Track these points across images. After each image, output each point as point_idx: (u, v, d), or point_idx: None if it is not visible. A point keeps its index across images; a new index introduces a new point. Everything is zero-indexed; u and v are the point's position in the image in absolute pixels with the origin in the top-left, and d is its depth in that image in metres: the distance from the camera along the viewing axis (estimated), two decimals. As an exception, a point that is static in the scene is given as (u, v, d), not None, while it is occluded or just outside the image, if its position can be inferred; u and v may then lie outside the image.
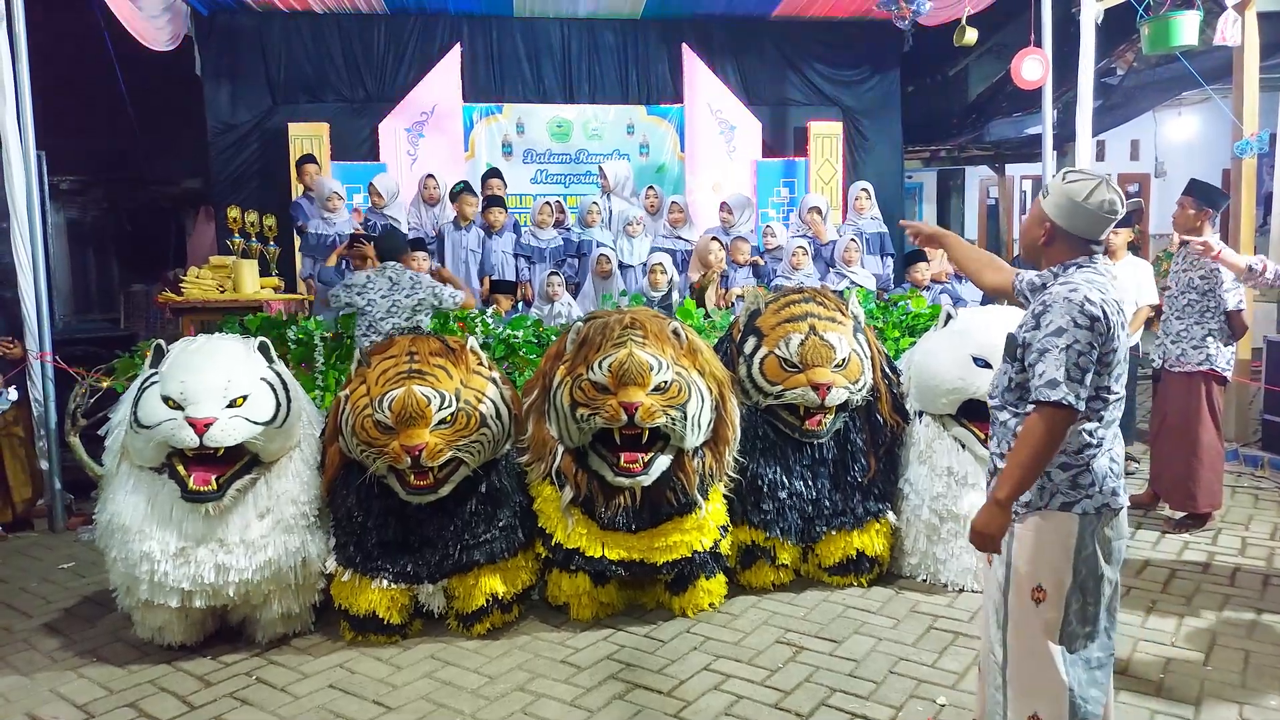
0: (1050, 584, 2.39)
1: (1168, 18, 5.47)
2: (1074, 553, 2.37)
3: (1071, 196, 2.40)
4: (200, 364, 3.65)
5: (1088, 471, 2.37)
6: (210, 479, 3.59)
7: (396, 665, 3.65)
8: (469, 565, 3.79)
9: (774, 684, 3.42)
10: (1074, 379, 2.28)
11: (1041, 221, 2.48)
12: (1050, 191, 2.47)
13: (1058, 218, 2.43)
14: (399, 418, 3.60)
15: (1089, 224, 2.40)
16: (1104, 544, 2.41)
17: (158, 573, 3.58)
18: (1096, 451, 2.37)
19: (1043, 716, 2.40)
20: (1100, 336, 2.31)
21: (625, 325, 3.81)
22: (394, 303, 5.18)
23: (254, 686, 3.52)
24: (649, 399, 3.64)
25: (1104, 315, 2.31)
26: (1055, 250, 2.47)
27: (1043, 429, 2.29)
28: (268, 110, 8.61)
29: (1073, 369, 2.28)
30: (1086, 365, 2.29)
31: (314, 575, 3.85)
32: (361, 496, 3.75)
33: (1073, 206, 2.40)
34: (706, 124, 8.93)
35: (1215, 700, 3.24)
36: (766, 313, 4.26)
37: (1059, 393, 2.27)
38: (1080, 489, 2.37)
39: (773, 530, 4.13)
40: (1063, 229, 2.43)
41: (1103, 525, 2.39)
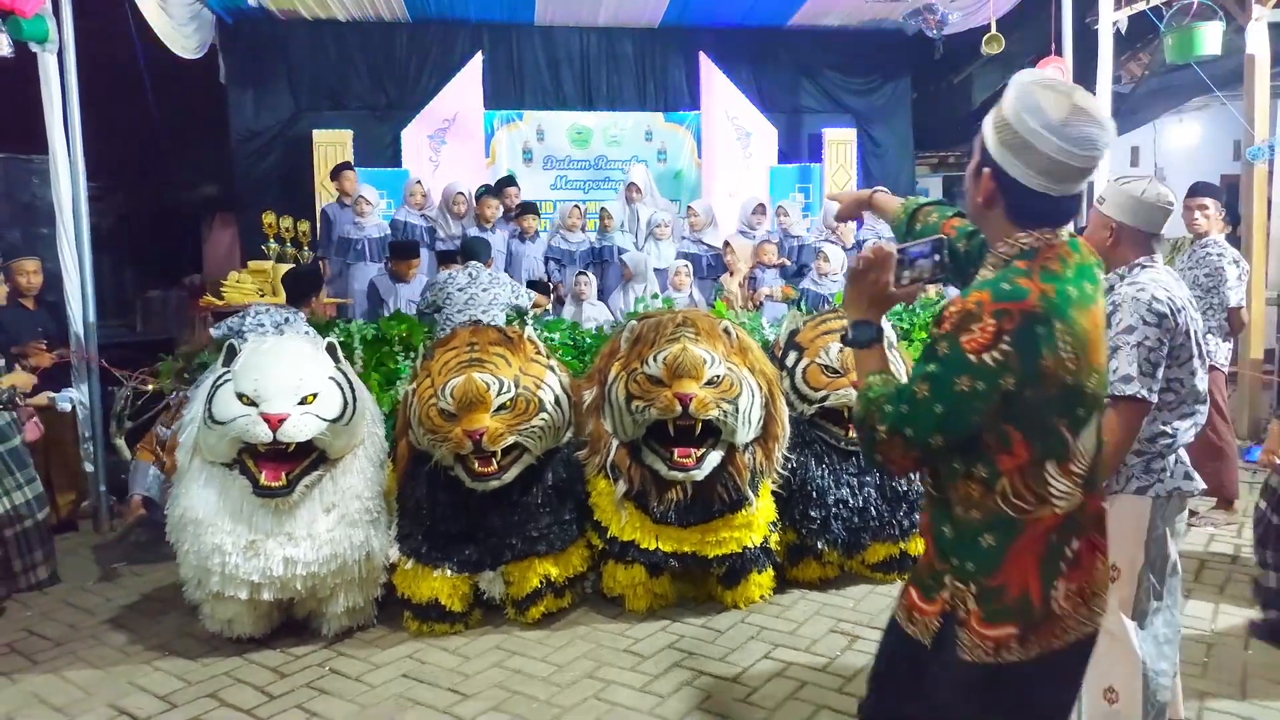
0: (1124, 563, 2.54)
1: (1192, 28, 5.65)
2: (1146, 534, 2.52)
3: (1131, 194, 2.57)
4: (273, 363, 3.75)
5: (1161, 458, 2.52)
6: (280, 475, 3.69)
7: (465, 655, 3.76)
8: (528, 555, 3.91)
9: (834, 670, 3.54)
10: (1145, 373, 2.43)
11: (1105, 225, 2.62)
12: (1107, 196, 2.63)
13: (1121, 216, 2.58)
14: (460, 404, 3.72)
15: (1150, 216, 2.57)
16: (1171, 526, 2.56)
17: (229, 565, 3.68)
18: (1171, 440, 2.52)
19: (1118, 688, 2.54)
20: (1168, 332, 2.46)
21: (678, 323, 3.95)
22: (470, 296, 5.34)
23: (328, 677, 3.62)
24: (703, 391, 3.76)
25: (1170, 311, 2.46)
26: (1121, 250, 2.61)
27: (1121, 421, 2.44)
28: (291, 117, 8.72)
29: (1144, 364, 2.43)
30: (1157, 360, 2.44)
31: (377, 569, 3.96)
32: (430, 488, 3.86)
33: (1133, 203, 2.56)
34: (723, 130, 9.08)
35: (1260, 680, 3.38)
36: (805, 329, 4.44)
37: (1133, 387, 2.42)
38: (1153, 474, 2.52)
39: (819, 539, 4.21)
40: (1127, 225, 2.58)
41: (1172, 508, 2.53)
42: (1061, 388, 1.64)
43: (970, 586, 1.72)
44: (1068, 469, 1.69)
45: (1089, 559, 1.75)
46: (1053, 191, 1.67)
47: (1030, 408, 1.64)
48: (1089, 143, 1.62)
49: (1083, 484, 1.72)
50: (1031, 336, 1.60)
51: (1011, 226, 1.72)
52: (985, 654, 1.70)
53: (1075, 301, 1.66)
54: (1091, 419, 1.72)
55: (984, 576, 1.71)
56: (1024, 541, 1.69)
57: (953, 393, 1.62)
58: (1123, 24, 6.30)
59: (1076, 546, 1.72)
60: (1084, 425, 1.71)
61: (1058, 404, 1.66)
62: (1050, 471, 1.67)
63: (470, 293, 5.33)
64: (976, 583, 1.71)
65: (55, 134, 5.39)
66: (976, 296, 1.64)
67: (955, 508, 1.74)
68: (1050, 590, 1.70)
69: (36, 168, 6.36)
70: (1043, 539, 1.69)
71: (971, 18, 7.42)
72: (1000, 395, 1.61)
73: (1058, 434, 1.68)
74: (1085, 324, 1.67)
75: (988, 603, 1.70)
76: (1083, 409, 1.69)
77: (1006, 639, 1.69)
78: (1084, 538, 1.73)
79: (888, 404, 1.70)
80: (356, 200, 7.05)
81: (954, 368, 1.62)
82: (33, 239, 6.34)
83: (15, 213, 6.59)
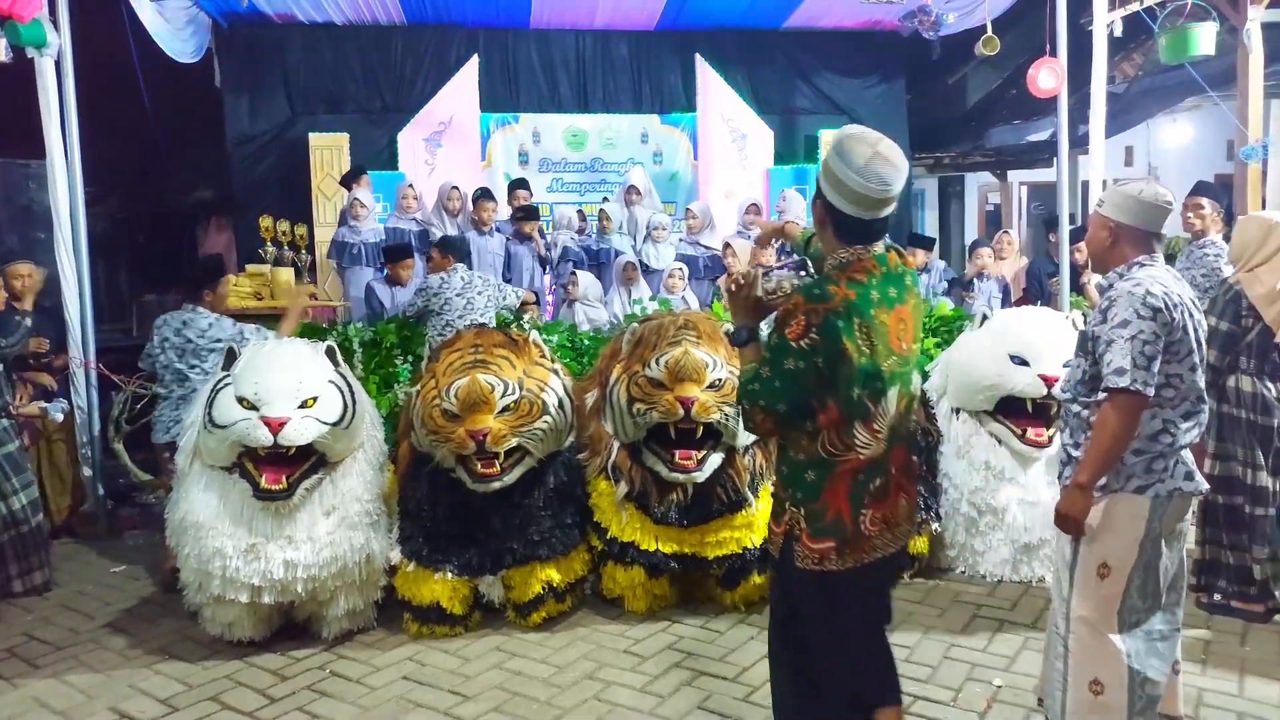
0: (1115, 561, 2.55)
1: (1186, 29, 5.69)
2: (1143, 534, 2.52)
3: (1128, 195, 2.60)
4: (273, 366, 3.77)
5: (1162, 457, 2.52)
6: (281, 478, 3.71)
7: (465, 657, 3.77)
8: (529, 559, 3.91)
9: (834, 669, 3.55)
10: (1140, 366, 2.45)
11: (1104, 225, 2.65)
12: (1106, 198, 2.66)
13: (1120, 216, 2.60)
14: (464, 404, 3.73)
15: (1149, 215, 2.59)
16: (1170, 525, 2.56)
17: (229, 568, 3.69)
18: (1172, 439, 2.52)
19: (1103, 681, 2.57)
20: (1164, 326, 2.48)
21: (680, 326, 3.96)
22: (468, 300, 5.35)
23: (329, 679, 3.63)
24: (704, 395, 3.77)
25: (1166, 306, 2.48)
26: (1120, 249, 2.63)
27: (1115, 414, 2.47)
28: (287, 121, 8.71)
29: (1138, 357, 2.45)
30: (1152, 353, 2.46)
31: (377, 572, 3.97)
32: (431, 490, 3.87)
33: (1131, 203, 2.59)
34: (719, 133, 9.09)
35: (1256, 677, 3.41)
36: None
37: (1126, 379, 2.44)
38: (1154, 473, 2.52)
39: None
40: (1126, 225, 2.60)
41: (1173, 508, 2.53)
42: (860, 366, 2.20)
43: (801, 510, 2.34)
44: (870, 426, 2.27)
45: (893, 495, 2.35)
46: (863, 216, 2.23)
47: (838, 380, 2.21)
48: (884, 181, 2.18)
49: (884, 438, 2.29)
50: (833, 328, 2.17)
51: (837, 243, 2.30)
52: (813, 562, 2.33)
53: (876, 302, 2.23)
54: (890, 390, 2.27)
55: (809, 503, 2.32)
56: (837, 477, 2.29)
57: (784, 371, 2.22)
58: (1117, 25, 6.32)
59: (879, 483, 2.31)
60: (882, 395, 2.26)
61: (859, 378, 2.21)
62: (856, 427, 2.26)
63: (468, 297, 5.35)
64: (805, 507, 2.33)
65: (53, 139, 5.39)
66: (796, 299, 2.22)
67: (790, 452, 2.37)
68: (859, 515, 2.30)
69: (34, 172, 6.35)
70: (851, 476, 2.29)
71: (967, 19, 7.45)
72: (815, 371, 2.19)
73: (861, 400, 2.24)
74: (885, 319, 2.24)
75: (813, 523, 2.32)
76: (880, 382, 2.25)
77: (828, 551, 2.31)
78: (887, 478, 2.32)
79: (748, 384, 2.29)
80: (352, 204, 7.06)
81: (783, 353, 2.22)
82: (30, 243, 6.34)
83: (13, 217, 6.58)
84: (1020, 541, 4.28)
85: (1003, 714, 3.22)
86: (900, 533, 2.40)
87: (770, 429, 2.35)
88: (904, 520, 2.41)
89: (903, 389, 2.33)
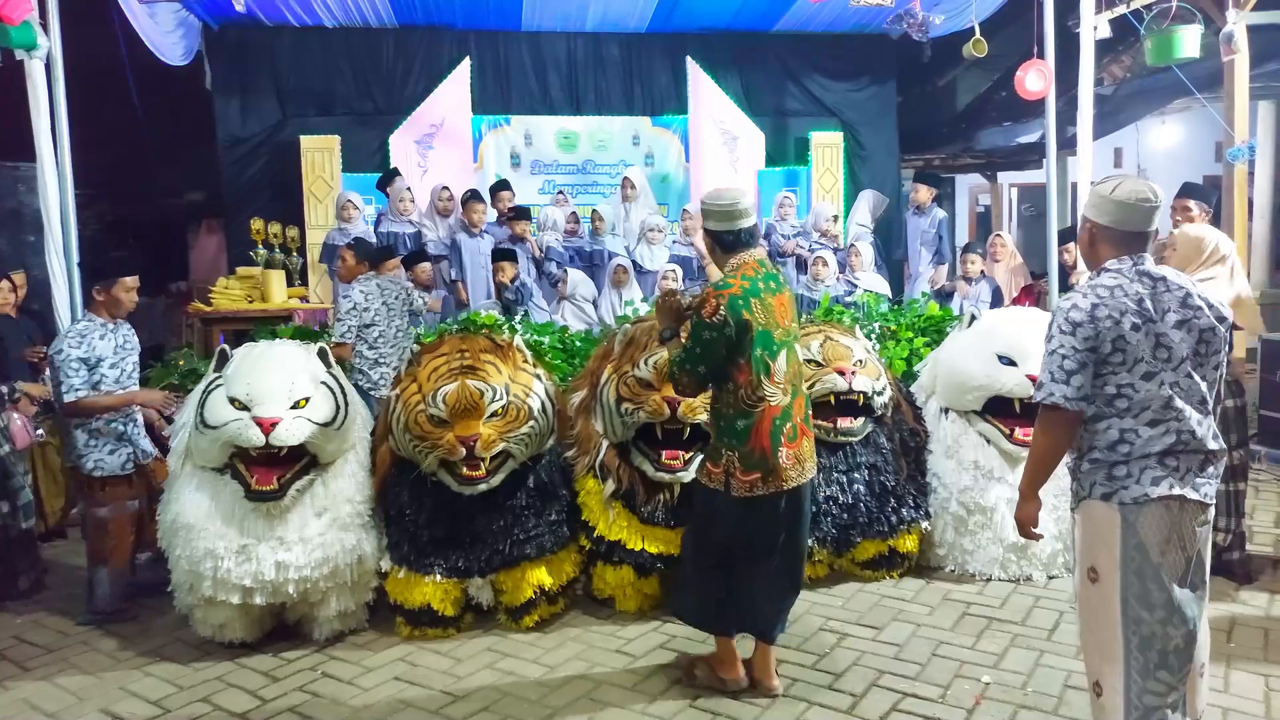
0: (1101, 566, 2.52)
1: (1171, 31, 5.73)
2: (1120, 539, 2.47)
3: (1101, 194, 2.55)
4: (265, 367, 3.78)
5: (1124, 464, 2.47)
6: (272, 479, 3.72)
7: (457, 658, 3.78)
8: (518, 559, 3.92)
9: (824, 668, 3.58)
10: (1057, 380, 2.46)
11: (1083, 227, 2.63)
12: (1087, 200, 2.64)
13: (1095, 216, 2.57)
14: (454, 410, 3.74)
15: (1125, 215, 2.51)
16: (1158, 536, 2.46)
17: (221, 569, 3.69)
18: (1130, 446, 2.46)
19: (1104, 684, 2.55)
20: (1086, 340, 2.43)
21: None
22: (388, 306, 5.35)
23: (321, 680, 3.63)
24: (691, 396, 3.81)
25: (1091, 319, 2.43)
26: (1099, 250, 2.59)
27: (1039, 427, 2.56)
28: (278, 123, 8.70)
29: (1056, 371, 2.46)
30: (1070, 367, 2.44)
31: (368, 573, 3.97)
32: (413, 494, 3.88)
33: (1104, 202, 2.54)
34: (710, 135, 9.13)
35: (1241, 673, 3.43)
36: None
37: (1043, 392, 2.49)
38: (1116, 480, 2.48)
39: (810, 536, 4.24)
40: (1101, 225, 2.56)
41: (1153, 517, 2.46)
42: (760, 331, 3.10)
43: (735, 453, 3.16)
44: (774, 380, 3.13)
45: (800, 437, 3.22)
46: (730, 228, 3.22)
47: (745, 344, 3.08)
48: (734, 199, 3.21)
49: (785, 391, 3.16)
50: (736, 306, 3.07)
51: (725, 256, 3.27)
52: (745, 490, 3.16)
53: (761, 291, 3.14)
54: (781, 352, 3.15)
55: (741, 446, 3.14)
56: (758, 424, 3.12)
57: (703, 341, 3.10)
58: (1104, 27, 6.36)
59: (788, 427, 3.17)
60: (777, 355, 3.14)
61: (759, 340, 3.10)
62: (764, 382, 3.12)
63: (387, 302, 5.35)
64: (738, 450, 3.15)
65: (43, 141, 5.37)
66: (708, 291, 3.16)
67: (723, 410, 3.20)
68: (777, 452, 3.14)
69: (23, 175, 6.35)
70: (769, 421, 3.13)
71: (955, 21, 7.49)
72: (725, 339, 3.07)
73: (763, 358, 3.11)
74: (770, 301, 3.16)
75: (745, 461, 3.14)
76: (775, 345, 3.14)
77: (756, 480, 3.15)
78: (795, 423, 3.19)
79: (675, 358, 3.19)
80: (343, 205, 7.06)
81: (701, 329, 3.10)
82: (20, 246, 6.33)
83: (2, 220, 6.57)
84: (1009, 540, 4.30)
85: (991, 710, 3.24)
86: (806, 467, 3.25)
87: (694, 389, 3.25)
88: (808, 458, 3.28)
89: (790, 354, 3.20)
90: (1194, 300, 2.48)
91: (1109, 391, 2.47)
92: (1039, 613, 4.03)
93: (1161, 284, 2.50)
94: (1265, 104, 10.29)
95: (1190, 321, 2.46)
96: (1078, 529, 2.62)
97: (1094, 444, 2.51)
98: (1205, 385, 2.49)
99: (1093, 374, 2.46)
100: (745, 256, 3.21)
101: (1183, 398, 2.46)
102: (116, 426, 4.25)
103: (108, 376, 4.19)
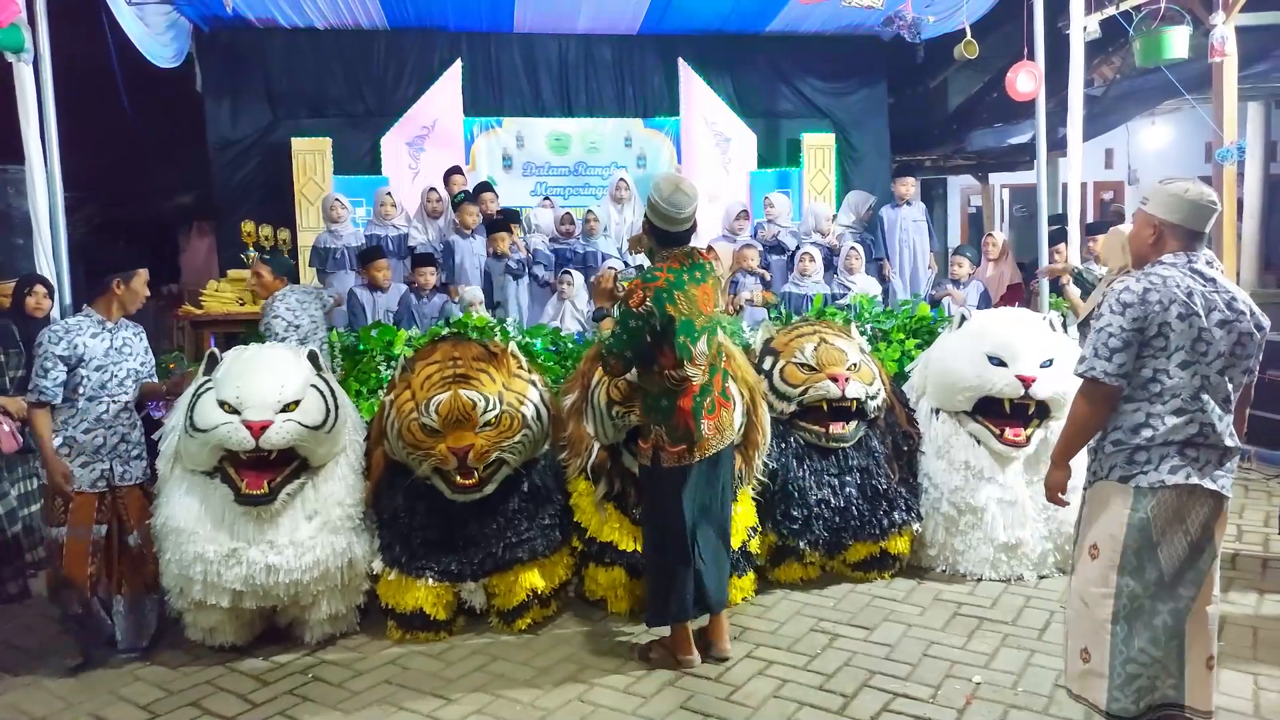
0: (1104, 545, 2.65)
1: (1160, 32, 5.75)
2: (1127, 521, 2.60)
3: (1176, 194, 2.64)
4: (254, 371, 3.77)
5: (1144, 449, 2.58)
6: (263, 482, 3.71)
7: (448, 660, 3.77)
8: (511, 563, 3.91)
9: (815, 668, 3.58)
10: (1100, 355, 2.58)
11: (1148, 224, 2.69)
12: (1152, 197, 2.71)
13: (1166, 214, 2.65)
14: (446, 421, 3.73)
15: (1195, 214, 2.63)
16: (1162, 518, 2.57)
17: (211, 573, 3.69)
18: (1153, 432, 2.57)
19: (1091, 650, 2.67)
20: (1135, 321, 2.54)
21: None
22: (311, 315, 5.24)
23: (312, 684, 3.62)
24: (683, 399, 3.82)
25: (1141, 302, 2.54)
26: (1162, 246, 2.66)
27: (1078, 399, 2.68)
28: (269, 125, 8.69)
29: (1101, 347, 2.58)
30: (1116, 345, 2.56)
31: (359, 576, 3.96)
32: (407, 498, 3.87)
33: (1178, 202, 2.63)
34: (702, 136, 9.14)
35: (1232, 671, 3.44)
36: (779, 336, 4.55)
37: (1083, 366, 2.62)
38: (1136, 465, 2.59)
39: (801, 539, 4.25)
40: (1171, 223, 2.65)
41: (1162, 501, 2.56)
42: (682, 321, 3.33)
43: (663, 428, 3.45)
44: (695, 363, 3.40)
45: (718, 410, 3.52)
46: (671, 229, 3.40)
47: (667, 332, 3.33)
48: (679, 206, 3.35)
49: (704, 371, 3.44)
50: (660, 298, 3.31)
51: (658, 249, 3.47)
52: (674, 461, 3.45)
53: (687, 282, 3.38)
54: (701, 337, 3.40)
55: (667, 421, 3.44)
56: (682, 401, 3.41)
57: (630, 329, 3.34)
58: (1093, 28, 6.38)
59: (708, 401, 3.47)
60: (698, 340, 3.39)
61: (682, 328, 3.34)
62: (686, 365, 3.37)
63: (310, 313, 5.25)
64: (665, 425, 3.44)
65: (31, 144, 5.33)
66: (635, 282, 3.41)
67: (648, 387, 3.48)
68: (700, 425, 3.44)
69: (12, 178, 6.31)
70: (690, 399, 3.41)
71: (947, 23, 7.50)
72: (650, 328, 3.32)
73: (686, 345, 3.36)
74: (694, 292, 3.39)
75: (671, 434, 3.44)
76: (696, 332, 3.39)
77: (683, 451, 3.45)
78: (714, 398, 3.50)
79: (606, 341, 3.45)
80: (331, 206, 7.04)
81: (628, 317, 3.34)
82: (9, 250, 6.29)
83: (-9, 223, 6.54)
84: (999, 540, 4.31)
85: (981, 710, 3.25)
86: (725, 435, 3.57)
87: (620, 370, 3.49)
88: (727, 427, 3.59)
89: (710, 338, 3.46)
90: (1238, 304, 2.59)
91: (1144, 375, 2.58)
92: (1030, 612, 4.04)
93: (1211, 285, 2.60)
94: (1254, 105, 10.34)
95: (1232, 323, 2.57)
96: (1086, 507, 2.74)
97: (1118, 424, 2.63)
98: (1231, 386, 2.61)
99: (1135, 355, 2.57)
100: (676, 251, 3.43)
101: (1210, 392, 2.57)
102: (96, 438, 3.81)
103: (91, 380, 3.77)
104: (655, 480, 3.52)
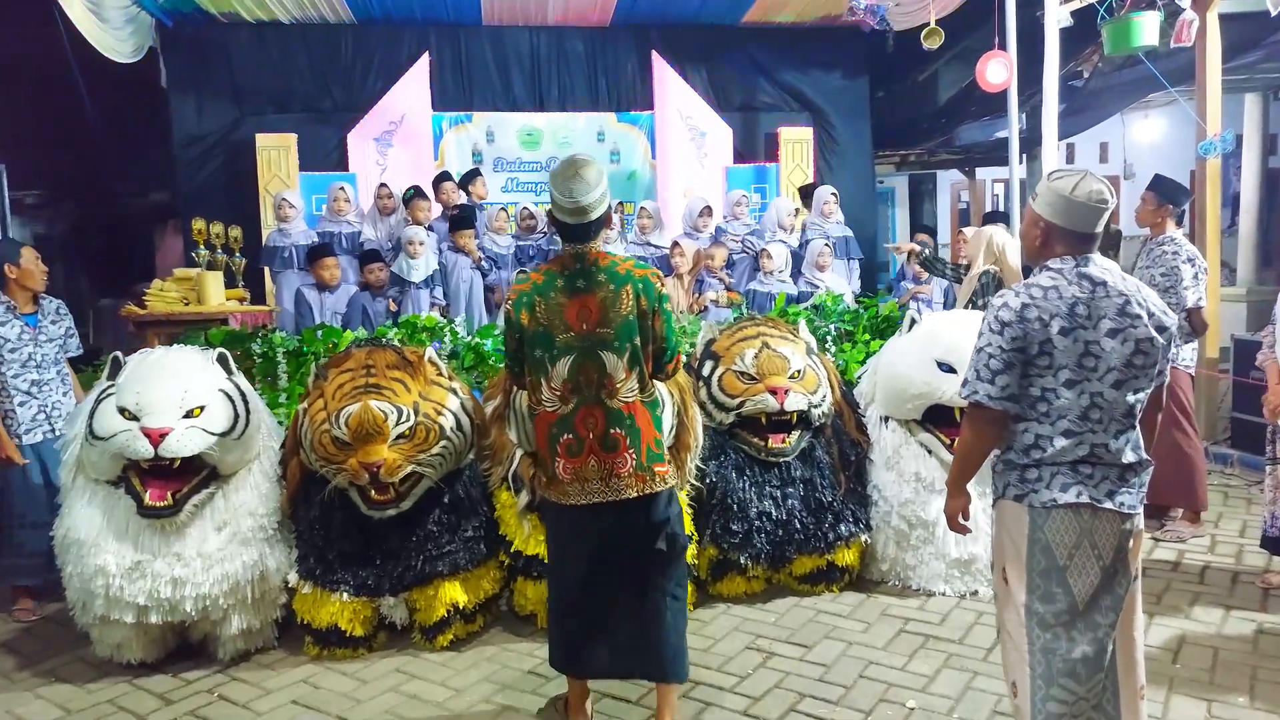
0: (1010, 568, 2.46)
1: (1128, 19, 5.51)
2: (1028, 541, 2.41)
3: (1060, 192, 2.40)
4: (156, 375, 3.60)
5: (1036, 468, 2.39)
6: (166, 494, 3.54)
7: (361, 679, 3.59)
8: (430, 577, 3.73)
9: (742, 690, 3.39)
10: (982, 378, 2.40)
11: (1035, 223, 2.46)
12: (1040, 193, 2.47)
13: (1051, 216, 2.42)
14: (356, 434, 3.55)
15: (1082, 216, 2.39)
16: (1067, 541, 2.36)
17: (113, 587, 3.52)
18: (1042, 452, 2.37)
19: (1018, 685, 2.47)
20: (1014, 340, 2.34)
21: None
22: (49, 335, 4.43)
23: (215, 704, 3.46)
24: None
25: (1020, 319, 2.33)
26: (1049, 251, 2.45)
27: (965, 423, 2.53)
28: (234, 121, 8.51)
29: (982, 369, 2.40)
30: (996, 367, 2.37)
31: (273, 589, 3.78)
32: (323, 509, 3.69)
33: (1064, 202, 2.39)
34: (677, 131, 8.93)
35: (1184, 698, 3.24)
36: (721, 338, 4.32)
37: (967, 389, 2.43)
38: (1028, 483, 2.41)
39: (742, 553, 4.05)
40: (1058, 226, 2.41)
41: (1062, 521, 2.36)
42: (536, 333, 2.87)
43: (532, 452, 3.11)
44: (550, 385, 2.88)
45: (584, 454, 2.88)
46: (565, 220, 2.88)
47: (527, 345, 2.91)
48: (567, 193, 2.83)
49: (561, 398, 2.88)
50: (517, 305, 2.90)
51: (562, 242, 2.97)
52: (542, 489, 3.04)
53: (558, 288, 2.87)
54: (564, 357, 2.85)
55: (528, 445, 3.10)
56: (538, 426, 2.96)
57: (504, 336, 3.02)
58: (1065, 18, 6.15)
59: (570, 439, 2.88)
60: (556, 360, 2.86)
61: (538, 342, 2.87)
62: (541, 385, 2.90)
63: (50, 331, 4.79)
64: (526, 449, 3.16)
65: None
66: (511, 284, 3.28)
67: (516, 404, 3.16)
68: (554, 461, 2.90)
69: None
70: (546, 426, 2.92)
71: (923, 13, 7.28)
72: (514, 337, 2.95)
73: (541, 362, 2.88)
74: (562, 300, 2.86)
75: (536, 459, 3.07)
76: (556, 349, 2.86)
77: (542, 481, 3.02)
78: (578, 437, 2.87)
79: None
80: (279, 205, 6.87)
81: (504, 323, 2.99)
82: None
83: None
84: (952, 556, 4.11)
85: (911, 739, 3.06)
86: (591, 489, 2.89)
87: (512, 380, 3.11)
88: (594, 478, 2.89)
89: (583, 359, 2.85)
90: (1133, 308, 2.36)
91: (1033, 394, 2.39)
92: (979, 630, 3.83)
93: (1101, 289, 2.37)
94: (1251, 96, 10.11)
95: (1125, 331, 2.34)
96: (995, 527, 2.56)
97: (1010, 445, 2.45)
98: (1134, 398, 2.38)
99: (1020, 374, 2.37)
100: (567, 249, 2.92)
101: (1102, 410, 2.35)
102: None
103: None
104: (541, 509, 3.28)
